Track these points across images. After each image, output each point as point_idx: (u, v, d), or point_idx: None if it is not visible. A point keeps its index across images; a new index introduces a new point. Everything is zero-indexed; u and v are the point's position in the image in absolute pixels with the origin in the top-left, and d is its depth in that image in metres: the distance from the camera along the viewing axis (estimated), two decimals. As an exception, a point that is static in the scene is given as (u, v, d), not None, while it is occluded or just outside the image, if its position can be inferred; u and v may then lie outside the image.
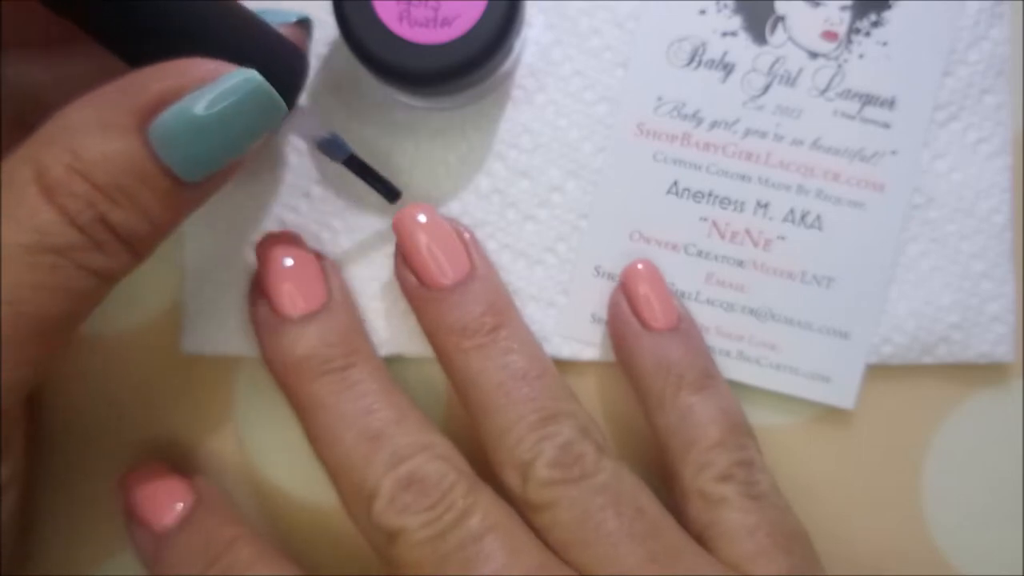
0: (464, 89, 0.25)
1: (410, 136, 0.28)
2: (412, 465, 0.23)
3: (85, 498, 0.28)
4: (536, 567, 0.22)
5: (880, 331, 0.28)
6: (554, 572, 0.22)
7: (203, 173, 0.20)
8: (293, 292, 0.25)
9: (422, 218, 0.25)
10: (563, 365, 0.28)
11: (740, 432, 0.25)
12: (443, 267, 0.25)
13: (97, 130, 0.19)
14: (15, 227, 0.19)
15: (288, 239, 0.26)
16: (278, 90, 0.21)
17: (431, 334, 0.25)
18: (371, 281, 0.28)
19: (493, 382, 0.24)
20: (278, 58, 0.22)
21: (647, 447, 0.27)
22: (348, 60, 0.24)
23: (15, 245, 0.19)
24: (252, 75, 0.20)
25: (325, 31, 0.27)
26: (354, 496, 0.23)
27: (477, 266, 0.26)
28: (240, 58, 0.20)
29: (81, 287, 0.19)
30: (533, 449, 0.23)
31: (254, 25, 0.22)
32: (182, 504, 0.25)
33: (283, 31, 0.23)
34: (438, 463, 0.23)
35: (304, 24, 0.24)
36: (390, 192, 0.26)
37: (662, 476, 0.25)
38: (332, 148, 0.25)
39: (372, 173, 0.26)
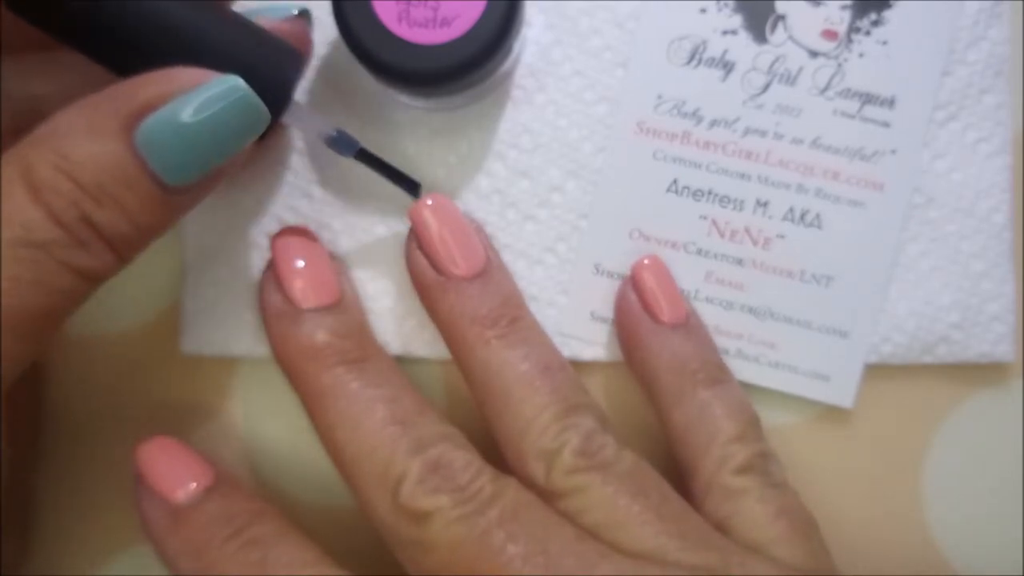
0: (464, 89, 0.25)
1: (410, 136, 0.28)
2: (439, 450, 0.23)
3: (85, 498, 0.28)
4: (574, 539, 0.22)
5: (880, 330, 0.28)
6: (591, 545, 0.22)
7: (187, 178, 0.21)
8: (309, 285, 0.25)
9: (439, 208, 0.25)
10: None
11: (755, 425, 0.25)
12: (461, 256, 0.25)
13: (84, 133, 0.20)
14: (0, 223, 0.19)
15: (303, 233, 0.27)
16: (269, 89, 0.21)
17: (449, 324, 0.25)
18: (370, 282, 0.28)
19: (517, 372, 0.24)
20: (267, 59, 0.22)
21: (648, 446, 0.27)
22: (348, 60, 0.24)
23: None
24: (236, 82, 0.20)
25: (325, 31, 0.27)
26: (377, 479, 0.23)
27: (491, 259, 0.26)
28: (226, 63, 0.21)
29: (62, 284, 0.20)
30: (559, 438, 0.23)
31: (240, 28, 0.22)
32: (203, 477, 0.24)
33: (282, 26, 0.24)
34: (463, 451, 0.23)
35: (305, 16, 0.25)
36: (406, 183, 0.26)
37: (670, 475, 0.25)
38: (340, 144, 0.25)
39: (385, 166, 0.25)
